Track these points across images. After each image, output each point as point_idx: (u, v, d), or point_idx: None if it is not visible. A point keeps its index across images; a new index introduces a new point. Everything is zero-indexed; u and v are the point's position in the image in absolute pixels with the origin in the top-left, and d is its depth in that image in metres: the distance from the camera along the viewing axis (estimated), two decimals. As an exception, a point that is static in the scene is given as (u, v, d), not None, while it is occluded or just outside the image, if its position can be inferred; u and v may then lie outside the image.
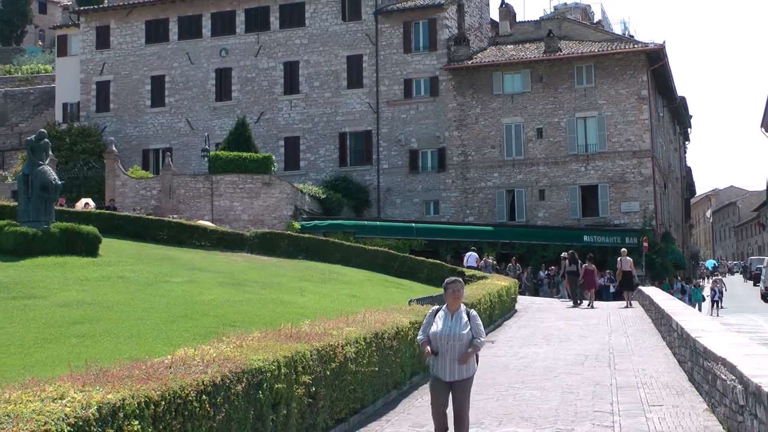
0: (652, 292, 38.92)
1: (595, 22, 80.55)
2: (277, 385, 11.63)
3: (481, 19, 71.64)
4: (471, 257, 50.57)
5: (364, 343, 15.57)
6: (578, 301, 44.02)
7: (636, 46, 64.20)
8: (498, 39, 71.64)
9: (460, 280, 12.87)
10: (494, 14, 74.78)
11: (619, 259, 45.61)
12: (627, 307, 42.41)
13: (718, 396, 14.25)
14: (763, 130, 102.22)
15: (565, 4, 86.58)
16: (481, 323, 12.58)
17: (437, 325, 12.16)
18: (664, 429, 14.18)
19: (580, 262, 45.10)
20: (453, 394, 11.96)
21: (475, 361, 12.33)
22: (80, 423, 7.59)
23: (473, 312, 12.46)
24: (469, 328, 12.06)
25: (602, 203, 61.47)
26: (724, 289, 60.56)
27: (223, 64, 70.84)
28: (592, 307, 42.35)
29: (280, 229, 53.29)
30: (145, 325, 23.99)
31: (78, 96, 74.99)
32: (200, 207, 58.41)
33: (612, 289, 52.51)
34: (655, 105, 65.73)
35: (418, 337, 12.72)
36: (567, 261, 46.50)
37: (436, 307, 12.76)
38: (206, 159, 61.51)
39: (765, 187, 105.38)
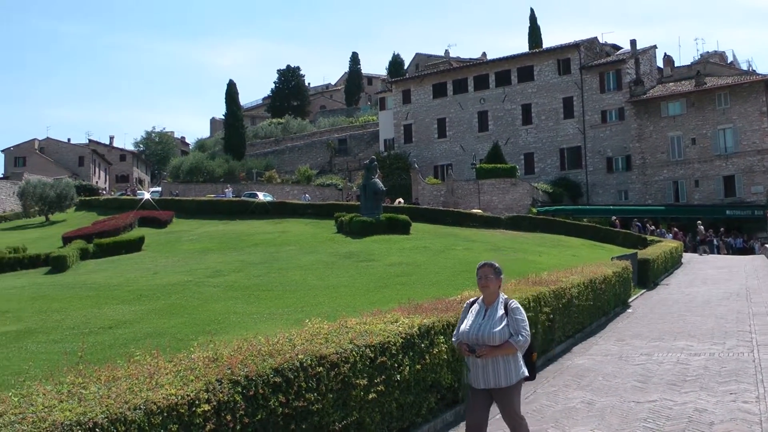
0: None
1: (729, 62, 76.53)
2: (528, 314, 11.77)
3: (651, 67, 69.03)
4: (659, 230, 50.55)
5: (583, 286, 15.64)
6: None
7: (757, 77, 60.70)
8: (663, 79, 68.84)
9: (493, 263, 7.09)
10: (659, 62, 71.91)
11: (697, 228, 49.96)
12: (702, 255, 44.94)
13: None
14: None
15: (708, 52, 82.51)
16: (525, 318, 6.87)
17: (468, 322, 6.89)
18: (786, 342, 13.71)
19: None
20: (498, 406, 6.80)
21: (522, 365, 6.80)
22: (408, 336, 8.04)
23: (514, 303, 6.90)
24: (504, 324, 6.69)
25: (738, 187, 58.23)
26: None
27: (482, 108, 70.82)
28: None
29: (523, 213, 53.12)
30: (440, 277, 24.50)
31: (392, 134, 76.58)
32: (471, 201, 58.84)
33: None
34: (773, 117, 62.08)
35: (453, 339, 7.27)
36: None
37: (473, 298, 7.23)
38: (474, 170, 61.97)
39: None
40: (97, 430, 4.37)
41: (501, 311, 6.78)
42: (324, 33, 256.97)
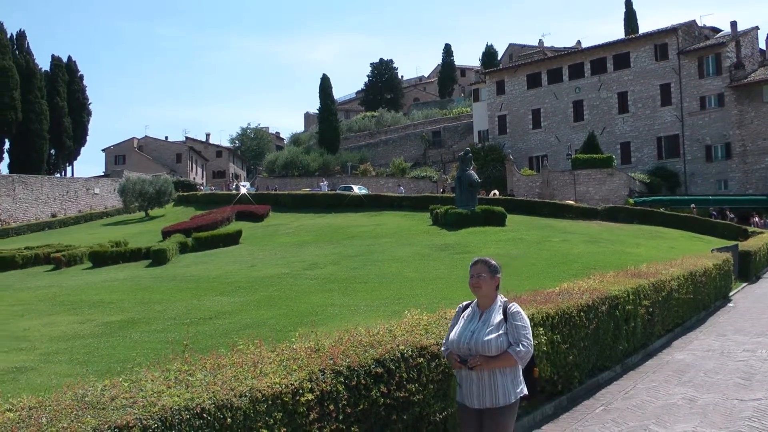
0: None
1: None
2: (627, 307, 11.66)
3: (753, 49, 66.74)
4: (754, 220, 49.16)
5: (683, 279, 15.33)
6: None
7: None
8: (765, 62, 66.51)
9: (488, 259, 5.86)
10: (762, 44, 69.47)
11: (755, 219, 48.93)
12: None
13: None
14: None
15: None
16: (527, 325, 5.64)
17: (457, 329, 5.75)
18: None
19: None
20: (485, 428, 5.59)
21: (522, 382, 5.69)
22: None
23: (514, 307, 5.66)
24: (501, 331, 5.53)
25: None
26: None
27: (577, 97, 69.79)
28: None
29: (620, 204, 52.29)
30: (536, 269, 24.29)
31: (486, 125, 76.13)
32: (567, 192, 58.12)
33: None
34: None
35: (442, 349, 6.07)
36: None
37: (466, 302, 5.98)
38: (569, 160, 61.26)
39: None
40: (204, 415, 4.51)
41: (499, 316, 5.64)
42: (416, 25, 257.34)
